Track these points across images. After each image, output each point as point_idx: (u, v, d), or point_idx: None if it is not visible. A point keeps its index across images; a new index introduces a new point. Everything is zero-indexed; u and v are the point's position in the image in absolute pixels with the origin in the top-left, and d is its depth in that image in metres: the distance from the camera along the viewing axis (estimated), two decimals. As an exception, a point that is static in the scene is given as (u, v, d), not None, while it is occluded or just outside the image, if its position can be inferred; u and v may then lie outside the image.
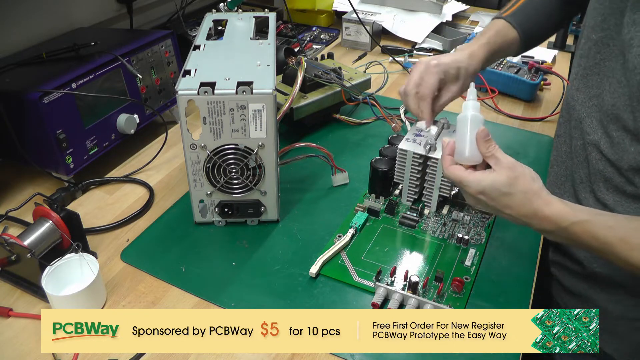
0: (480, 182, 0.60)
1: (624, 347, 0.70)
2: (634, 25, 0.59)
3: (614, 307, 0.69)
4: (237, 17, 0.91)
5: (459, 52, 0.78)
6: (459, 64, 0.76)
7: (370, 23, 1.35)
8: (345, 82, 1.00)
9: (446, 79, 0.76)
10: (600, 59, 0.67)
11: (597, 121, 0.67)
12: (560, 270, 0.78)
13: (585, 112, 0.69)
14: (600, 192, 0.68)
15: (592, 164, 0.68)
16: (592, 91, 0.68)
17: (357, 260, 0.72)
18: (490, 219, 0.79)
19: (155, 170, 0.91)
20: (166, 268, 0.71)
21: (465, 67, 0.76)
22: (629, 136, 0.62)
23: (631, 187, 0.64)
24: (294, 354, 0.61)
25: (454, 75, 0.76)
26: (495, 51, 0.80)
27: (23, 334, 0.63)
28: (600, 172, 0.67)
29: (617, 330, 0.69)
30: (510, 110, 1.12)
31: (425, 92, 0.74)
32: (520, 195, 0.59)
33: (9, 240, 0.64)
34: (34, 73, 0.86)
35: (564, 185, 0.76)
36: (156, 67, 0.98)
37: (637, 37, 0.59)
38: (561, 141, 0.78)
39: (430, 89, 0.74)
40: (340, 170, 0.87)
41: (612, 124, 0.64)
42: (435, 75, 0.74)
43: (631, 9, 0.61)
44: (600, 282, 0.70)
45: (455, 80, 0.76)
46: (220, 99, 0.66)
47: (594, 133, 0.67)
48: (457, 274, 0.69)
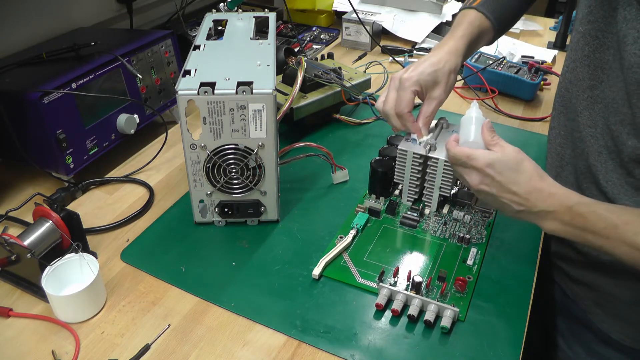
0: (488, 156, 0.62)
1: (633, 332, 0.71)
2: (626, 22, 0.60)
3: (622, 292, 0.69)
4: (237, 17, 0.91)
5: (436, 50, 0.76)
6: (434, 67, 0.73)
7: (370, 23, 1.35)
8: (345, 82, 1.00)
9: (424, 88, 0.74)
10: (590, 51, 0.68)
11: (596, 113, 0.67)
12: (565, 262, 0.78)
13: (582, 105, 0.69)
14: (602, 182, 0.68)
15: (593, 155, 0.68)
16: (585, 83, 0.69)
17: (360, 261, 0.72)
18: (490, 217, 0.79)
19: (155, 170, 0.91)
20: (166, 268, 0.71)
21: (442, 68, 0.73)
22: (626, 129, 0.62)
23: (632, 179, 0.64)
24: (294, 354, 0.61)
25: (431, 81, 0.73)
26: (471, 42, 0.78)
27: (23, 334, 0.63)
28: (601, 164, 0.67)
29: (625, 316, 0.70)
30: (510, 110, 1.12)
31: (403, 109, 0.73)
32: (528, 173, 0.61)
33: (9, 240, 0.64)
34: (34, 73, 0.86)
35: (559, 176, 0.76)
36: (156, 67, 0.98)
37: (630, 34, 0.59)
38: (555, 133, 0.78)
39: (407, 106, 0.73)
40: (340, 168, 0.87)
41: (612, 117, 0.64)
42: (410, 89, 0.72)
43: (622, 5, 0.61)
44: (607, 269, 0.70)
45: (434, 85, 0.74)
46: (220, 99, 0.66)
47: (595, 126, 0.67)
48: (460, 274, 0.69)
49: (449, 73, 0.74)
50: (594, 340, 0.75)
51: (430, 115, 0.74)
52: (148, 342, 0.61)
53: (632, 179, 0.64)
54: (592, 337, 0.75)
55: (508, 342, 0.62)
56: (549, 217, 0.61)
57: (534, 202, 0.60)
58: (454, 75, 0.75)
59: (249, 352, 0.61)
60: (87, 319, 0.64)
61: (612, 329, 0.72)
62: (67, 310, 0.63)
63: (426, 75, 0.73)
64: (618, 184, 0.66)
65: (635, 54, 0.59)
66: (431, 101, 0.74)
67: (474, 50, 0.82)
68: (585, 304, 0.75)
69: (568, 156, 0.74)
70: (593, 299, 0.74)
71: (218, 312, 0.66)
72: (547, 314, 0.84)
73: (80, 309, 0.64)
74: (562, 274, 0.79)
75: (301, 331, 0.63)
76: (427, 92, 0.74)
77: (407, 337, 0.62)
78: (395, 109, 0.73)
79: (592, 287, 0.73)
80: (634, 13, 0.59)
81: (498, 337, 0.63)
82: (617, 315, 0.72)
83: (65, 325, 0.63)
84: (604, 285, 0.71)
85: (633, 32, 0.59)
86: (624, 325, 0.71)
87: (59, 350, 0.60)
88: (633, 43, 0.59)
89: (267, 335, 0.63)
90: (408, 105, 0.73)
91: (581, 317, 0.76)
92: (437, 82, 0.73)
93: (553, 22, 1.64)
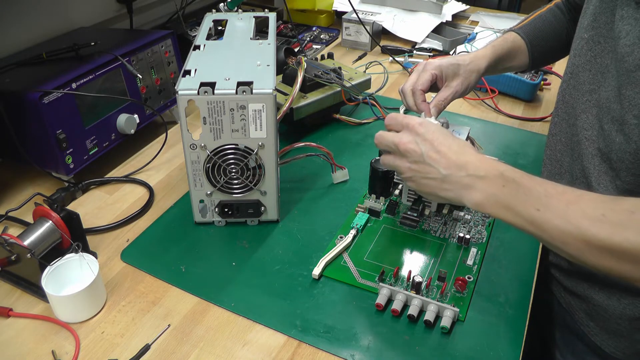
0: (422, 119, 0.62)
1: (624, 346, 0.70)
2: (622, 20, 0.61)
3: (613, 306, 0.69)
4: (237, 17, 0.91)
5: (465, 54, 0.82)
6: (458, 61, 0.79)
7: (370, 23, 1.35)
8: (345, 82, 1.00)
9: (444, 75, 0.78)
10: (592, 56, 0.68)
11: (592, 116, 0.67)
12: (559, 271, 0.78)
13: (581, 109, 0.70)
14: (595, 185, 0.67)
15: (587, 159, 0.68)
16: (585, 87, 0.69)
17: (360, 261, 0.72)
18: (490, 217, 0.79)
19: (155, 170, 0.91)
20: (166, 268, 0.71)
21: (465, 65, 0.78)
22: (615, 126, 0.62)
23: (619, 182, 0.64)
24: (294, 354, 0.61)
25: (452, 71, 0.78)
26: (500, 55, 0.83)
27: (23, 334, 0.63)
28: (594, 167, 0.67)
29: (617, 330, 0.69)
30: (510, 110, 1.12)
31: (418, 86, 0.77)
32: (458, 141, 0.59)
33: (9, 240, 0.64)
34: (34, 73, 0.86)
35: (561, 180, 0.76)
36: (156, 67, 0.98)
37: (624, 29, 0.60)
38: (556, 140, 0.78)
39: (423, 84, 0.77)
40: (340, 168, 0.87)
41: (605, 116, 0.64)
42: (430, 72, 0.77)
43: (620, 5, 0.62)
44: (599, 281, 0.70)
45: (454, 76, 0.79)
46: (220, 99, 0.66)
47: (591, 128, 0.67)
48: (460, 273, 0.69)
49: (470, 72, 0.79)
50: (586, 352, 0.75)
51: (444, 100, 0.78)
52: (148, 342, 0.61)
53: (619, 181, 0.64)
54: (585, 349, 0.75)
55: (508, 342, 0.62)
56: (478, 184, 0.55)
57: (463, 164, 0.56)
58: (475, 75, 0.80)
59: (249, 352, 0.61)
60: (87, 319, 0.64)
61: (604, 342, 0.72)
62: (67, 310, 0.63)
63: (448, 64, 0.78)
64: (610, 187, 0.65)
65: (626, 44, 0.60)
66: (448, 89, 0.79)
67: (504, 64, 0.86)
68: (578, 315, 0.75)
69: (566, 163, 0.74)
70: (585, 311, 0.73)
71: (218, 312, 0.66)
72: (544, 323, 0.83)
73: (80, 309, 0.64)
74: (557, 284, 0.79)
75: (301, 331, 0.63)
76: (446, 80, 0.79)
77: (407, 337, 0.62)
78: (412, 86, 0.77)
79: (584, 299, 0.73)
80: (630, 12, 0.60)
81: (498, 337, 0.63)
82: (607, 329, 0.71)
83: (65, 325, 0.63)
84: (595, 297, 0.71)
85: (627, 27, 0.60)
86: (616, 339, 0.70)
87: (59, 350, 0.60)
88: (625, 36, 0.60)
89: (267, 335, 0.63)
90: (424, 84, 0.77)
91: (574, 328, 0.76)
92: (457, 75, 0.79)
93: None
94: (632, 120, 0.59)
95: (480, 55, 0.81)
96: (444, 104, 0.78)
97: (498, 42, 0.85)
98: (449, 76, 0.79)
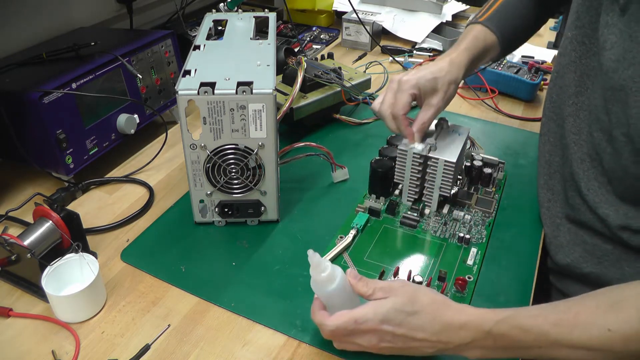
0: (378, 310, 0.53)
1: None
2: (607, 27, 0.59)
3: None
4: (237, 17, 0.91)
5: (438, 61, 0.76)
6: (434, 74, 0.73)
7: (370, 23, 1.35)
8: (345, 82, 1.00)
9: (422, 93, 0.73)
10: (576, 57, 0.67)
11: (580, 120, 0.67)
12: (555, 274, 0.77)
13: (568, 112, 0.69)
14: (584, 190, 0.67)
15: (576, 163, 0.68)
16: (571, 89, 0.68)
17: (360, 261, 0.72)
18: (490, 217, 0.79)
19: (155, 170, 0.91)
20: (166, 268, 0.71)
21: (443, 77, 0.73)
22: (605, 137, 0.62)
23: (610, 187, 0.64)
24: (294, 354, 0.61)
25: (430, 87, 0.73)
26: (475, 56, 0.78)
27: (23, 334, 0.63)
28: (584, 172, 0.67)
29: None
30: (510, 110, 1.12)
31: (399, 111, 0.73)
32: (428, 309, 0.53)
33: (9, 240, 0.64)
34: (34, 73, 0.86)
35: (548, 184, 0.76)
36: (156, 67, 0.98)
37: (609, 39, 0.59)
38: (544, 140, 0.77)
39: (403, 108, 0.73)
40: (340, 167, 0.87)
41: (594, 124, 0.64)
42: (407, 92, 0.72)
43: (605, 10, 0.60)
44: (593, 283, 0.69)
45: (433, 92, 0.74)
46: (220, 99, 0.66)
47: (579, 132, 0.67)
48: (460, 273, 0.69)
49: (448, 83, 0.73)
50: None
51: (426, 122, 0.74)
52: (148, 342, 0.61)
53: (610, 187, 0.64)
54: None
55: (508, 342, 0.62)
56: (468, 348, 0.53)
57: (446, 340, 0.52)
58: (454, 86, 0.75)
59: (249, 352, 0.61)
60: (87, 319, 0.64)
61: None
62: (67, 310, 0.63)
63: (425, 81, 0.72)
64: (599, 192, 0.65)
65: (611, 59, 0.58)
66: (428, 108, 0.74)
67: (478, 65, 0.81)
68: None
69: (556, 164, 0.74)
70: None
71: (218, 312, 0.66)
72: None
73: (80, 309, 0.64)
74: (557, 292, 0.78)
75: (301, 331, 0.63)
76: (425, 98, 0.74)
77: (407, 337, 0.62)
78: (391, 110, 0.73)
79: None
80: (615, 19, 0.58)
81: (498, 337, 0.63)
82: None
83: (65, 325, 0.63)
84: None
85: (612, 37, 0.58)
86: None
87: (59, 350, 0.60)
88: (610, 48, 0.58)
89: (267, 335, 0.63)
90: (404, 108, 0.73)
91: None
92: (436, 90, 0.73)
93: (553, 22, 1.64)
94: (621, 138, 0.59)
95: (456, 63, 0.75)
96: (426, 125, 0.75)
97: (470, 42, 0.78)
98: (428, 93, 0.74)
